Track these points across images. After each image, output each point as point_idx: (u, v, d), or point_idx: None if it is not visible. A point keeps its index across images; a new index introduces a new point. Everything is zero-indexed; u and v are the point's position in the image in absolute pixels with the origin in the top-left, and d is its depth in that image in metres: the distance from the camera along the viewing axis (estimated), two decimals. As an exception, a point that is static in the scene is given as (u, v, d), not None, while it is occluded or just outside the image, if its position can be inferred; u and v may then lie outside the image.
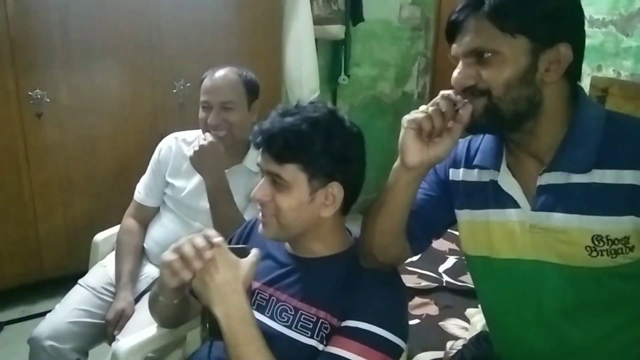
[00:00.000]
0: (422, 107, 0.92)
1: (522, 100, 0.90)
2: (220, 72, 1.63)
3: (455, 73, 0.93)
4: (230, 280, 0.94)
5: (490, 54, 0.88)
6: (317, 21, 3.14)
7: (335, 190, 1.04)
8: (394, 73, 3.78)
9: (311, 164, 1.01)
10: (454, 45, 0.93)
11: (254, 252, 1.01)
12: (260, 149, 1.05)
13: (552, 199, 0.94)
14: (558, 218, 0.93)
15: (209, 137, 1.57)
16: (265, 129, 1.03)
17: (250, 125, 1.68)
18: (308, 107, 1.05)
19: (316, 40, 3.14)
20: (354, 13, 3.34)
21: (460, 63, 0.93)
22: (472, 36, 0.89)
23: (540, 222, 0.95)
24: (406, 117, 0.93)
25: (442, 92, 0.93)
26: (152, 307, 1.20)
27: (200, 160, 1.55)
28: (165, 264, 0.95)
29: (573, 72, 0.93)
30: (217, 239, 0.96)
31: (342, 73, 3.43)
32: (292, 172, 1.01)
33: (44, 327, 1.52)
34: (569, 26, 0.91)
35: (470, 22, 0.90)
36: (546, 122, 0.93)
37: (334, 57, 3.44)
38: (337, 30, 3.28)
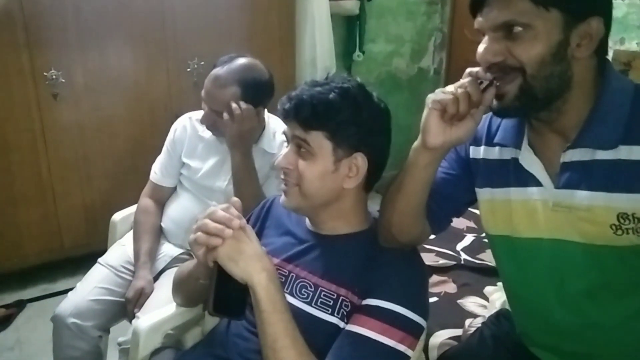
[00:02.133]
0: (449, 88, 0.89)
1: (554, 78, 0.86)
2: (222, 75, 1.53)
3: (480, 48, 0.89)
4: (261, 248, 0.95)
5: (521, 28, 0.84)
6: (332, -4, 3.09)
7: (360, 161, 1.03)
8: (410, 49, 3.72)
9: (337, 132, 1.01)
10: (480, 19, 0.89)
11: None
12: (285, 117, 1.05)
13: (577, 177, 0.91)
14: (582, 196, 0.90)
15: (237, 107, 1.51)
16: (294, 96, 1.03)
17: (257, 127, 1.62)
18: (337, 78, 1.06)
19: (331, 16, 3.10)
20: (368, -13, 3.29)
21: (486, 38, 0.88)
22: (503, 9, 0.85)
23: (564, 200, 0.92)
24: (431, 97, 0.89)
25: (469, 70, 0.90)
26: (178, 286, 1.21)
27: (238, 128, 1.51)
28: (192, 243, 0.94)
29: (601, 46, 0.89)
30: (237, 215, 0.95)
31: (357, 49, 3.40)
32: (318, 140, 1.01)
33: (67, 305, 1.55)
34: None
35: None
36: (574, 99, 0.90)
37: (349, 33, 3.40)
38: (351, 6, 3.23)
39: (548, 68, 0.85)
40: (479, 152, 1.05)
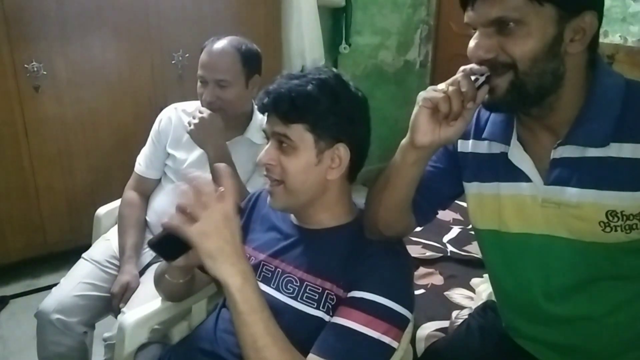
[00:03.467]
0: (441, 86, 0.87)
1: (547, 74, 0.86)
2: (218, 45, 1.57)
3: (472, 44, 0.87)
4: (240, 246, 0.88)
5: (514, 24, 0.82)
6: (318, -12, 3.07)
7: (342, 151, 1.03)
8: (396, 41, 3.71)
9: (318, 123, 1.01)
10: (471, 13, 0.87)
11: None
12: (266, 113, 1.04)
13: (566, 173, 0.91)
14: (572, 192, 0.90)
15: (206, 110, 1.54)
16: (271, 90, 1.02)
17: (248, 100, 1.65)
18: (313, 70, 1.05)
19: (317, 7, 3.08)
20: (355, -21, 3.27)
21: (478, 33, 0.87)
22: (495, 4, 0.83)
23: (553, 197, 0.93)
24: (422, 94, 0.88)
25: (462, 68, 0.87)
26: (158, 283, 1.20)
27: (200, 133, 1.53)
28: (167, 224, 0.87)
29: (594, 41, 0.88)
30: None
31: (343, 42, 3.38)
32: (299, 133, 1.01)
33: (51, 300, 1.53)
34: None
35: None
36: (566, 95, 0.89)
37: (335, 25, 3.39)
38: (338, -3, 3.21)
39: (541, 65, 0.84)
40: (467, 145, 1.05)
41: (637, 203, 0.86)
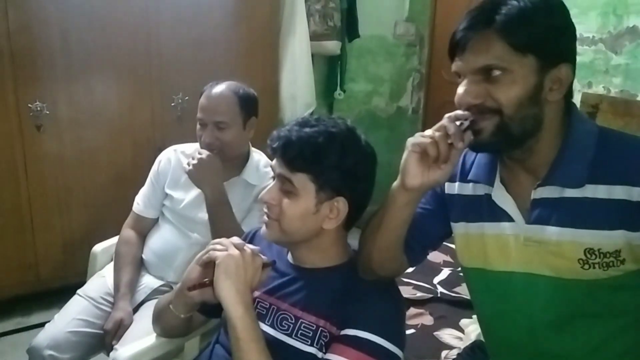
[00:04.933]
0: (427, 132, 0.92)
1: (529, 119, 0.91)
2: (217, 90, 1.63)
3: (460, 90, 0.93)
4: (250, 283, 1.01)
5: (500, 72, 0.88)
6: (314, 37, 3.20)
7: (341, 205, 1.06)
8: (389, 88, 3.83)
9: (321, 176, 1.03)
10: (459, 62, 0.93)
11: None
12: (272, 154, 1.08)
13: (546, 213, 0.95)
14: (552, 231, 0.95)
15: (205, 151, 1.59)
16: (282, 135, 1.05)
17: (245, 142, 1.71)
18: (328, 121, 1.07)
19: (312, 55, 3.20)
20: (349, 29, 3.41)
21: (466, 80, 0.92)
22: (482, 53, 0.89)
23: (534, 235, 0.97)
24: (410, 140, 0.93)
25: (447, 115, 0.92)
26: (158, 317, 1.22)
27: (199, 174, 1.57)
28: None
29: (569, 91, 0.95)
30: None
31: (338, 88, 3.49)
32: (302, 181, 1.04)
33: (44, 336, 1.53)
34: (570, 45, 0.94)
35: (480, 39, 0.89)
36: (544, 139, 0.95)
37: (330, 72, 3.50)
38: (333, 46, 3.34)
39: (524, 110, 0.90)
40: (453, 188, 1.10)
41: (612, 241, 0.91)
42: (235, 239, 1.04)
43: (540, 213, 0.96)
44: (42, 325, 1.65)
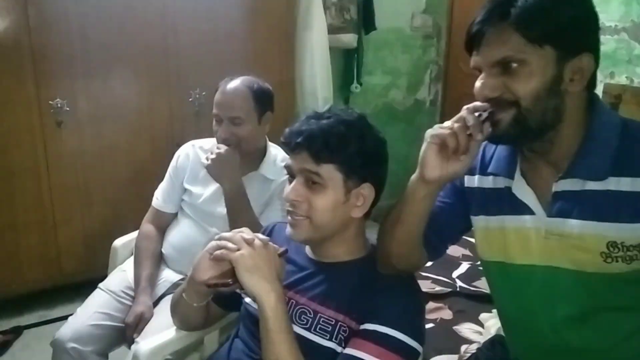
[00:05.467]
0: (446, 123, 0.92)
1: (549, 111, 0.90)
2: (231, 85, 1.64)
3: (478, 84, 0.92)
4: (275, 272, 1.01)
5: (517, 65, 0.88)
6: (330, 30, 3.19)
7: (367, 191, 1.07)
8: (406, 81, 3.81)
9: (347, 164, 1.04)
10: (476, 57, 0.93)
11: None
12: (293, 150, 1.07)
13: (568, 206, 0.94)
14: (573, 224, 0.93)
15: (224, 146, 1.60)
16: (304, 129, 1.05)
17: (262, 136, 1.71)
18: (340, 111, 1.10)
19: (329, 49, 3.18)
20: (366, 22, 3.39)
21: (483, 74, 0.92)
22: (499, 46, 0.89)
23: (556, 229, 0.96)
24: (429, 132, 0.92)
25: (466, 107, 0.92)
26: (174, 308, 1.23)
27: (217, 168, 1.58)
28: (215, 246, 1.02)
29: (592, 81, 0.94)
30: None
31: (355, 81, 3.47)
32: (329, 172, 1.04)
33: (67, 329, 1.56)
34: (591, 35, 0.92)
35: (496, 32, 0.88)
36: (565, 131, 0.94)
37: (347, 66, 3.49)
38: (349, 39, 3.32)
39: (543, 102, 0.89)
40: (473, 181, 1.09)
41: (636, 234, 0.89)
42: (245, 233, 1.03)
43: (562, 206, 0.95)
44: (65, 318, 1.68)
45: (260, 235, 1.05)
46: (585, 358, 1.00)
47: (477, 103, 0.92)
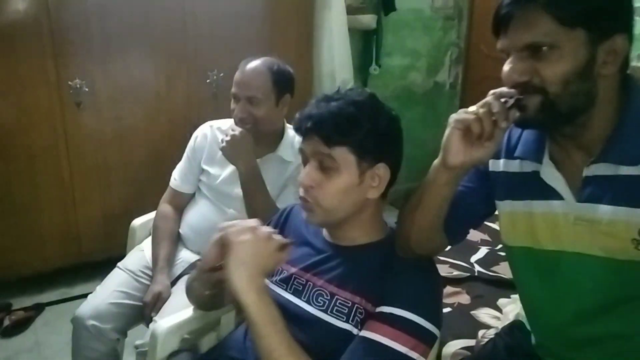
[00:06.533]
0: (471, 108, 0.89)
1: (580, 95, 0.87)
2: (251, 65, 1.63)
3: (506, 68, 0.90)
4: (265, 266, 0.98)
5: (547, 48, 0.85)
6: (349, 11, 3.15)
7: (382, 171, 1.06)
8: (426, 63, 3.75)
9: (360, 145, 1.03)
10: (504, 40, 0.89)
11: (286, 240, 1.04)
12: (305, 135, 1.06)
13: (599, 191, 0.91)
14: (604, 210, 0.91)
15: (238, 128, 1.60)
16: (313, 113, 1.04)
17: (279, 118, 1.70)
18: (348, 92, 1.08)
19: (348, 29, 3.14)
20: (385, 2, 3.33)
21: (512, 57, 0.89)
22: (528, 29, 0.85)
23: (586, 214, 0.93)
24: (453, 116, 0.90)
25: (492, 91, 0.89)
26: (189, 291, 1.24)
27: (232, 150, 1.58)
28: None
29: (625, 62, 0.90)
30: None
31: (374, 63, 3.43)
32: (342, 154, 1.03)
33: (87, 307, 1.58)
34: (624, 15, 0.89)
35: (525, 14, 0.85)
36: (598, 114, 0.90)
37: (365, 47, 3.44)
38: (368, 20, 3.28)
39: (573, 86, 0.86)
40: (498, 165, 1.06)
41: None
42: (251, 222, 1.02)
43: (593, 191, 0.92)
44: (85, 296, 1.70)
45: (268, 228, 1.03)
46: (610, 345, 0.98)
47: (504, 89, 0.89)
